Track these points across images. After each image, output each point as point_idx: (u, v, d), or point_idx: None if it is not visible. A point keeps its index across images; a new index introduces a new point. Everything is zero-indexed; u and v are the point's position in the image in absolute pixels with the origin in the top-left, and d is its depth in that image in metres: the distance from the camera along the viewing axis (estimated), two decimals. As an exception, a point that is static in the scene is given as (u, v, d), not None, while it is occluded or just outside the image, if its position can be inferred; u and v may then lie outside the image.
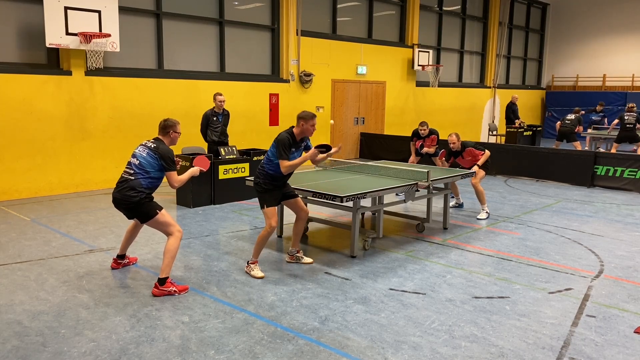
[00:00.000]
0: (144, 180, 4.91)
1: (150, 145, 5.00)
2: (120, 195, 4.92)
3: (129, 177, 4.91)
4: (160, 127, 5.10)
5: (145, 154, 4.96)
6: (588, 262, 6.06)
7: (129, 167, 4.99)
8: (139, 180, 4.89)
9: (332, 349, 3.91)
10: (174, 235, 4.96)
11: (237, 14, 12.32)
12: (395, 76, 16.27)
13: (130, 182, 4.89)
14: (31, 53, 9.37)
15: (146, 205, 4.92)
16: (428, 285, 5.22)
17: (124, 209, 5.01)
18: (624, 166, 10.61)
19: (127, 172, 4.97)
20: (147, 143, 5.04)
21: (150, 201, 4.96)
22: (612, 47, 22.06)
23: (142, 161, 4.93)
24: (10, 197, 8.99)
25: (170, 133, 5.09)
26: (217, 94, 9.12)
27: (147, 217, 4.95)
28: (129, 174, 4.94)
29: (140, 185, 4.88)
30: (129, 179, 4.91)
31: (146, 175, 4.92)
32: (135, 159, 4.98)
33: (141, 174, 4.91)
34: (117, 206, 5.03)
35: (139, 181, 4.89)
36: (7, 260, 5.83)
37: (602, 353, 3.91)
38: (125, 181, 4.92)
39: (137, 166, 4.93)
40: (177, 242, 4.96)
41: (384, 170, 7.38)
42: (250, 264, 5.48)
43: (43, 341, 3.97)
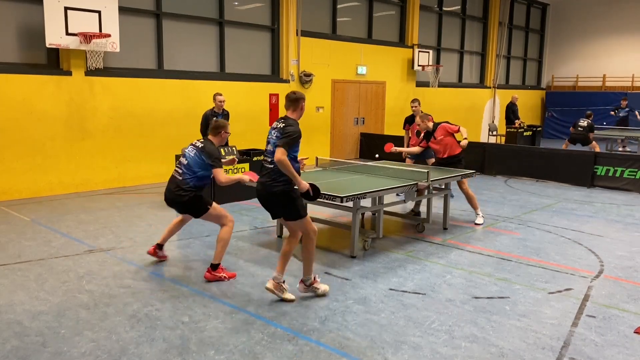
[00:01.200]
0: (191, 179, 5.14)
1: (198, 145, 5.22)
2: (171, 195, 5.23)
3: (177, 177, 5.19)
4: (211, 128, 5.35)
5: (193, 153, 5.19)
6: (588, 262, 6.06)
7: (179, 166, 5.26)
8: (186, 180, 5.14)
9: (332, 349, 3.91)
10: (227, 225, 5.26)
11: (237, 14, 12.32)
12: (395, 76, 16.27)
13: (177, 181, 5.16)
14: (31, 53, 9.37)
15: (197, 202, 5.19)
16: (428, 286, 5.22)
17: (176, 207, 5.34)
18: (624, 166, 10.61)
19: (177, 172, 5.24)
20: (196, 143, 5.27)
21: (200, 198, 5.19)
22: (612, 47, 22.06)
23: (190, 161, 5.17)
24: (10, 197, 8.98)
25: (222, 133, 5.34)
26: (217, 94, 9.11)
27: (199, 212, 5.25)
28: (178, 173, 5.21)
29: (187, 184, 5.13)
30: (177, 178, 5.19)
31: (193, 175, 5.15)
32: (184, 159, 5.22)
33: (188, 174, 5.15)
34: (170, 205, 5.33)
35: (186, 180, 5.13)
36: (7, 260, 5.83)
37: (602, 353, 3.91)
38: (174, 180, 5.21)
39: (185, 166, 5.18)
40: (229, 231, 5.27)
41: (384, 171, 7.38)
42: (312, 284, 4.85)
43: (43, 341, 3.97)
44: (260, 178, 4.71)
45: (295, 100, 4.70)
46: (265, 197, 4.67)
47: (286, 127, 4.55)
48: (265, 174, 4.65)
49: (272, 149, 4.57)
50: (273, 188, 4.56)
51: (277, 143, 4.49)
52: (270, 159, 4.56)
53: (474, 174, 7.74)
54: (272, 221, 7.46)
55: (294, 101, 4.70)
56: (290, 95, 4.73)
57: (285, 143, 4.45)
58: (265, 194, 4.65)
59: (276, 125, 4.67)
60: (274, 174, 4.55)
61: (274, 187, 4.56)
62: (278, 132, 4.58)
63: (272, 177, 4.56)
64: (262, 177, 4.68)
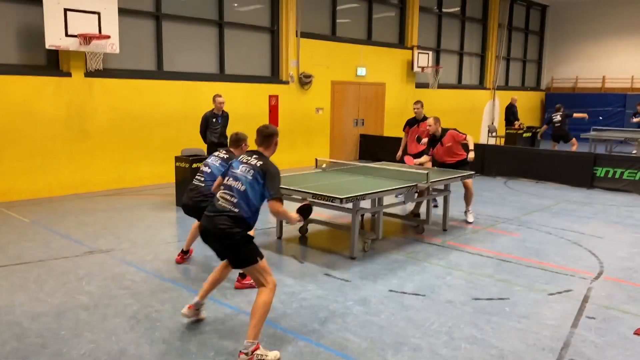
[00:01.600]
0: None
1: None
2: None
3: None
4: (232, 140, 5.22)
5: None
6: (588, 263, 6.06)
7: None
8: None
9: (332, 350, 3.90)
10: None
11: (237, 15, 12.33)
12: (394, 78, 16.28)
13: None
14: (31, 55, 9.36)
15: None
16: (428, 287, 5.21)
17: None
18: (624, 167, 10.61)
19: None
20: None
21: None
22: (611, 48, 22.08)
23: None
24: (10, 198, 8.98)
25: (242, 146, 5.22)
26: (217, 95, 9.11)
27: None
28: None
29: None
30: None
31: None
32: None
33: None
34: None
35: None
36: (7, 261, 5.83)
37: (602, 354, 3.90)
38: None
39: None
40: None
41: (384, 172, 7.38)
42: (254, 351, 3.65)
43: (42, 342, 3.97)
44: (212, 217, 3.81)
45: (269, 136, 4.08)
46: (218, 239, 3.80)
47: (269, 170, 3.83)
48: (223, 215, 3.76)
49: (242, 188, 3.80)
50: (233, 235, 3.73)
51: (271, 195, 3.75)
52: (236, 201, 3.78)
53: (473, 175, 7.74)
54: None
55: (268, 137, 4.08)
56: (262, 130, 4.10)
57: (278, 192, 3.80)
58: (218, 236, 3.77)
59: (247, 161, 3.93)
60: (236, 218, 3.74)
61: (233, 232, 3.73)
62: (254, 171, 3.82)
63: (233, 222, 3.74)
64: (217, 218, 3.77)
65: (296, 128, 13.41)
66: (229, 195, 3.85)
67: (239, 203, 3.79)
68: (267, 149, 4.08)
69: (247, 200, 3.81)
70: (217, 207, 3.84)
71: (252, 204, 3.82)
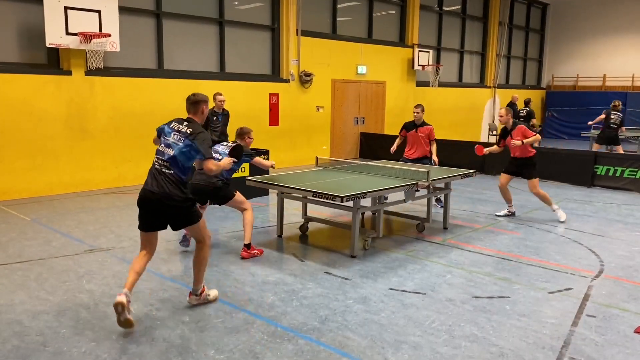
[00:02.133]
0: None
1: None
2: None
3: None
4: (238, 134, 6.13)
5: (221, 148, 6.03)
6: (588, 262, 6.06)
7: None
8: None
9: (332, 348, 3.91)
10: (248, 210, 5.97)
11: (237, 13, 12.32)
12: (395, 76, 16.27)
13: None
14: (31, 53, 9.37)
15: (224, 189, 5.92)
16: (428, 285, 5.22)
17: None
18: (624, 166, 10.61)
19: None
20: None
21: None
22: (612, 47, 22.06)
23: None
24: (11, 197, 8.98)
25: (245, 138, 6.11)
26: (217, 93, 9.12)
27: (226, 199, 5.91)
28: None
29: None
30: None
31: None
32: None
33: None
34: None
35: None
36: (8, 260, 5.83)
37: (602, 353, 3.91)
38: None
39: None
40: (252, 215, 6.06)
41: (384, 170, 7.38)
42: (202, 293, 4.62)
43: (43, 341, 3.97)
44: (152, 186, 4.24)
45: (196, 103, 4.44)
46: (160, 205, 4.25)
47: (198, 133, 4.26)
48: (162, 182, 4.20)
49: (172, 153, 4.23)
50: (173, 197, 4.18)
51: (204, 156, 4.24)
52: (169, 164, 4.21)
53: (474, 174, 7.75)
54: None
55: (195, 104, 4.45)
56: (190, 98, 4.48)
57: (208, 152, 4.28)
58: (161, 202, 4.22)
59: (178, 128, 4.31)
60: (175, 182, 4.20)
61: (174, 196, 4.19)
62: (184, 137, 4.24)
63: (173, 186, 4.19)
64: (156, 185, 4.21)
65: (296, 126, 13.41)
66: (162, 160, 4.29)
67: (172, 166, 4.24)
68: (195, 114, 4.49)
69: (177, 163, 4.25)
70: (153, 172, 4.31)
71: (182, 166, 4.27)
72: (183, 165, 4.26)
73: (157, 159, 4.33)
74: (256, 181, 6.66)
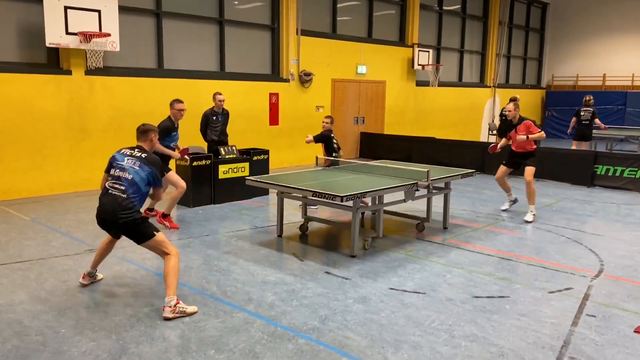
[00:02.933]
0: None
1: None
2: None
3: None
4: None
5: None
6: (588, 261, 6.07)
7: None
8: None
9: (332, 348, 3.91)
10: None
11: (237, 13, 12.32)
12: (395, 76, 16.27)
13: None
14: (31, 53, 9.36)
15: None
16: (428, 285, 5.22)
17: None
18: (624, 166, 10.61)
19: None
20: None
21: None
22: (612, 46, 22.06)
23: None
24: (10, 196, 8.98)
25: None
26: (217, 93, 9.11)
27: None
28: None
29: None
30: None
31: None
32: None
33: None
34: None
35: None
36: (8, 259, 5.83)
37: (602, 353, 3.91)
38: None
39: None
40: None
41: (384, 170, 7.38)
42: (177, 305, 4.39)
43: (43, 341, 3.97)
44: (107, 204, 4.50)
45: (145, 132, 4.85)
46: (113, 224, 4.54)
47: (153, 162, 4.70)
48: (116, 203, 4.46)
49: (130, 177, 4.53)
50: (126, 218, 4.45)
51: (157, 185, 4.75)
52: (125, 188, 4.49)
53: (474, 174, 7.75)
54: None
55: (144, 132, 4.85)
56: (140, 128, 4.88)
57: (161, 181, 4.85)
58: (114, 221, 4.49)
59: (131, 154, 4.67)
60: (129, 204, 4.47)
61: (126, 217, 4.45)
62: (140, 162, 4.61)
63: (127, 207, 4.45)
64: (112, 205, 4.47)
65: (296, 126, 13.40)
66: (118, 184, 4.54)
67: (127, 190, 4.51)
68: (144, 142, 4.85)
69: (134, 186, 4.54)
70: (108, 196, 4.54)
71: (138, 189, 4.56)
72: (139, 188, 4.58)
73: (113, 182, 4.59)
74: (256, 181, 6.66)
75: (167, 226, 7.18)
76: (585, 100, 13.22)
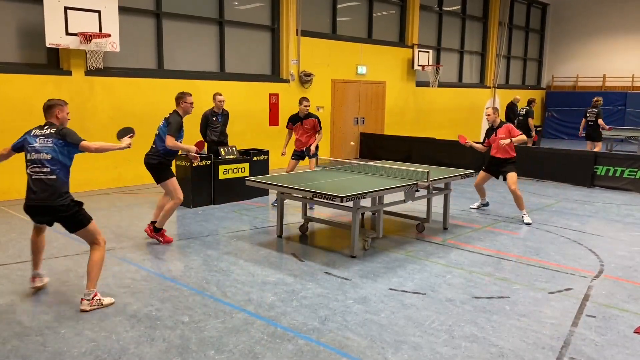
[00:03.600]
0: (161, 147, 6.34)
1: None
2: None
3: None
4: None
5: None
6: (588, 262, 6.07)
7: None
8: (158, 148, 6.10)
9: (332, 348, 3.91)
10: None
11: (237, 14, 12.32)
12: (395, 76, 16.27)
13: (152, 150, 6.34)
14: (31, 53, 9.36)
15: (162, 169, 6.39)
16: (428, 285, 5.22)
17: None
18: (624, 166, 10.61)
19: None
20: None
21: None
22: (612, 47, 22.07)
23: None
24: (11, 197, 8.98)
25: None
26: (217, 93, 9.11)
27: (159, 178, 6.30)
28: None
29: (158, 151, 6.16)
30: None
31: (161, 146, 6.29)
32: None
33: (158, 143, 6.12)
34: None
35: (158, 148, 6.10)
36: (7, 260, 5.83)
37: (602, 353, 3.91)
38: None
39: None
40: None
41: (384, 170, 7.38)
42: (94, 297, 4.49)
43: (43, 341, 3.97)
44: (40, 191, 4.37)
45: (49, 107, 4.67)
46: (46, 210, 4.43)
47: (62, 131, 4.52)
48: (49, 187, 4.35)
49: (48, 156, 4.39)
50: (57, 202, 4.37)
51: (78, 145, 4.53)
52: (48, 169, 4.36)
53: (474, 174, 7.75)
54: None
55: (48, 108, 4.68)
56: (45, 104, 4.72)
57: (79, 139, 4.59)
58: (45, 207, 4.39)
59: (41, 133, 4.51)
60: (57, 187, 4.37)
61: (58, 201, 4.37)
62: (52, 138, 4.45)
63: (55, 191, 4.35)
64: (39, 192, 4.36)
65: (296, 126, 13.40)
66: (39, 167, 4.39)
67: (52, 170, 4.37)
68: (50, 117, 4.65)
69: (56, 163, 4.41)
70: (37, 182, 4.39)
71: (62, 164, 4.45)
72: (64, 165, 4.49)
73: (33, 167, 4.42)
74: (256, 181, 6.66)
75: (161, 241, 6.48)
76: (593, 101, 13.54)
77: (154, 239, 6.50)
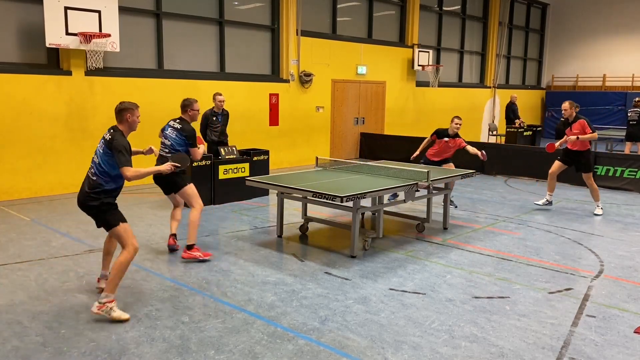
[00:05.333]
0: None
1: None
2: None
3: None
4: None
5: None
6: (588, 262, 6.06)
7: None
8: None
9: (332, 349, 3.91)
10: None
11: (237, 14, 12.32)
12: (395, 76, 16.27)
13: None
14: (31, 53, 9.36)
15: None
16: (428, 285, 5.22)
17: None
18: (624, 166, 10.61)
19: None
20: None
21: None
22: (612, 47, 22.06)
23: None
24: (11, 197, 8.98)
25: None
26: (217, 93, 9.11)
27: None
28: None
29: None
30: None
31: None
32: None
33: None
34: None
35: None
36: (7, 260, 5.83)
37: (602, 353, 3.91)
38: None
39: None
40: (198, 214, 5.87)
41: (384, 170, 7.38)
42: (106, 303, 4.29)
43: (43, 341, 3.97)
44: (81, 188, 4.58)
45: (119, 111, 4.59)
46: (83, 205, 4.56)
47: (113, 144, 4.39)
48: (85, 184, 4.53)
49: (97, 160, 4.47)
50: (90, 201, 4.45)
51: (121, 164, 4.35)
52: (94, 171, 4.47)
53: (474, 174, 7.75)
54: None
55: (119, 112, 4.60)
56: (116, 107, 4.64)
57: (123, 162, 4.37)
58: (83, 202, 4.54)
59: (104, 136, 4.56)
60: (95, 186, 4.43)
61: (91, 199, 4.45)
62: (104, 145, 4.46)
63: (93, 190, 4.44)
64: (83, 188, 4.54)
65: (296, 127, 13.41)
66: (91, 167, 4.55)
67: (96, 173, 4.46)
68: (120, 123, 4.61)
69: (101, 169, 4.45)
70: (84, 180, 4.55)
71: (105, 172, 4.44)
72: (108, 173, 4.45)
73: (91, 165, 4.58)
74: (256, 181, 6.66)
75: (200, 256, 5.83)
76: (635, 101, 13.86)
77: (193, 258, 5.82)
